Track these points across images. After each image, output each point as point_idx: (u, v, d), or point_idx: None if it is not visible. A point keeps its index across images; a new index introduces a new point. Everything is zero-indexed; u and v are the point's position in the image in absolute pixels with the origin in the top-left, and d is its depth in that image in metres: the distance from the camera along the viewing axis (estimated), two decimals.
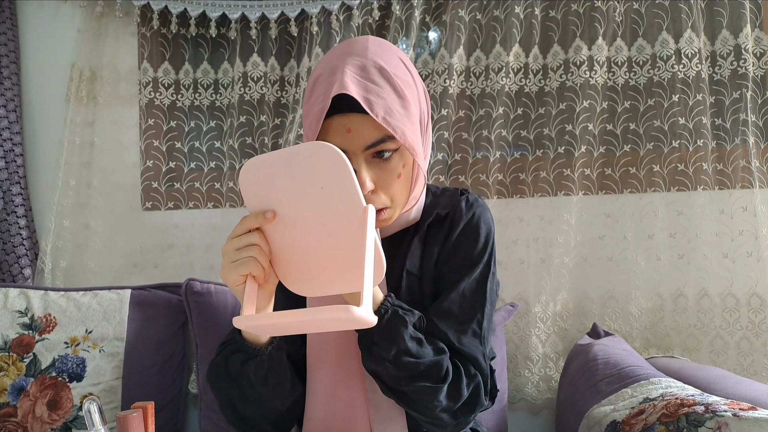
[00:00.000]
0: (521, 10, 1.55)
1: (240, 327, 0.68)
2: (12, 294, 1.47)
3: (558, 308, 1.53)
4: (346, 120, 0.80)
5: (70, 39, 1.68)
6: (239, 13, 1.62)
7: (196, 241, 1.65)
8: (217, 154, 1.69)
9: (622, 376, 1.15)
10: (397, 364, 0.79)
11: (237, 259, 0.71)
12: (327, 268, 0.70)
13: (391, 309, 0.80)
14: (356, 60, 0.81)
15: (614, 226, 1.54)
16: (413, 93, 0.84)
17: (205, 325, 1.45)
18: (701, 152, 1.49)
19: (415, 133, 0.82)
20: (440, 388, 0.81)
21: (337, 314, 0.59)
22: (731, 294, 1.48)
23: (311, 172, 0.66)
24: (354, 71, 0.79)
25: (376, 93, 0.78)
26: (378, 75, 0.80)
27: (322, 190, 0.66)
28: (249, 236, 0.71)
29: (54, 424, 1.38)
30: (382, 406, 0.88)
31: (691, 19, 1.49)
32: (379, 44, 0.85)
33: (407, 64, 0.86)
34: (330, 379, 0.89)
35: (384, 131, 0.80)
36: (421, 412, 0.83)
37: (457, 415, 0.85)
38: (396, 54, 0.85)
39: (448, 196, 0.96)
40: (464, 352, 0.86)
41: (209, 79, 1.69)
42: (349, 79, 0.78)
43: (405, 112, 0.81)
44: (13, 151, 1.65)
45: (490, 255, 0.92)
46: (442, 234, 0.92)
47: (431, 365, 0.81)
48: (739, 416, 0.80)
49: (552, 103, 1.56)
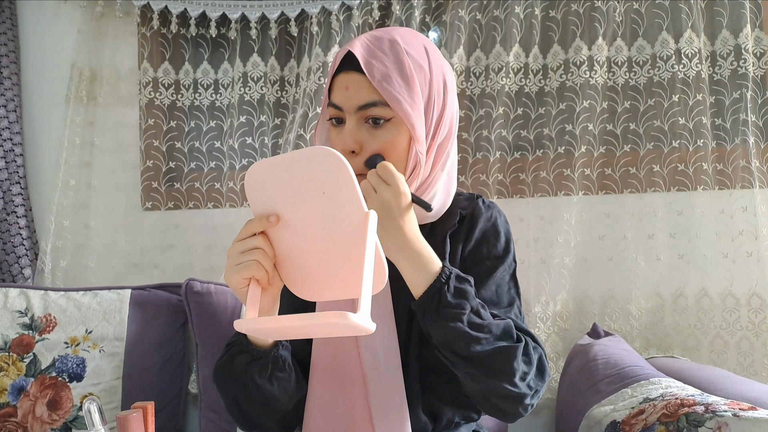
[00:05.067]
0: (521, 10, 1.55)
1: (240, 330, 0.67)
2: (12, 294, 1.47)
3: (558, 308, 1.53)
4: (347, 77, 0.84)
5: (70, 39, 1.68)
6: (239, 13, 1.62)
7: (196, 241, 1.65)
8: (217, 154, 1.69)
9: (622, 376, 1.15)
10: (473, 324, 0.77)
11: (240, 263, 0.71)
12: (330, 273, 0.70)
13: (453, 272, 0.79)
14: (377, 32, 0.87)
15: (614, 226, 1.54)
16: (422, 75, 0.85)
17: (205, 325, 1.45)
18: (701, 152, 1.49)
19: (415, 109, 0.83)
20: (518, 348, 0.79)
21: (334, 320, 0.59)
22: (731, 294, 1.48)
23: (313, 177, 0.66)
24: (368, 38, 0.85)
25: (380, 59, 0.82)
26: (388, 46, 0.84)
27: (324, 195, 0.66)
28: (253, 240, 0.71)
29: (54, 424, 1.38)
30: (389, 414, 0.85)
31: (691, 19, 1.49)
32: (409, 31, 0.89)
33: (429, 52, 0.87)
34: (328, 386, 0.88)
35: (377, 96, 0.82)
36: (501, 379, 0.79)
37: (531, 385, 0.81)
38: (421, 41, 0.88)
39: (465, 198, 0.97)
40: (519, 326, 0.84)
41: (209, 79, 1.69)
42: (359, 42, 0.84)
43: (406, 86, 0.82)
44: (13, 151, 1.66)
45: (513, 251, 0.94)
46: (463, 232, 0.93)
47: (504, 326, 0.80)
48: (739, 416, 0.80)
49: (552, 103, 1.56)
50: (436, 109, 0.87)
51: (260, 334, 0.68)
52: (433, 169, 0.88)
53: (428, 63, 0.86)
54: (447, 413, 0.90)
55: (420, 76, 0.84)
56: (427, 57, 0.86)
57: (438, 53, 0.89)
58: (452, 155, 0.91)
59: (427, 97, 0.85)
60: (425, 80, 0.85)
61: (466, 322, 0.77)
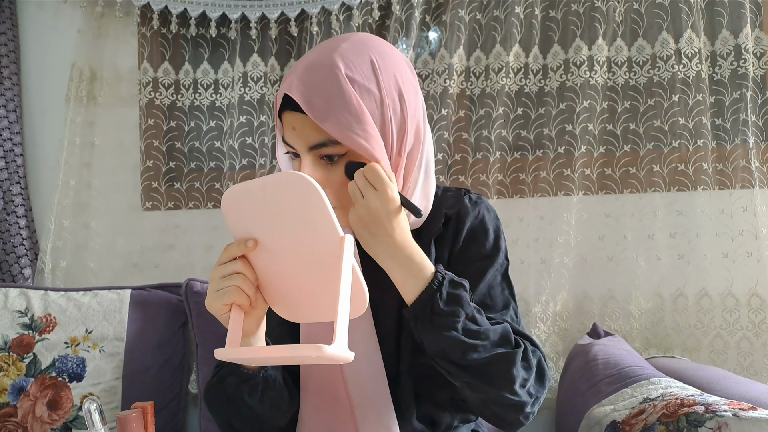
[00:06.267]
0: (521, 10, 1.55)
1: (220, 359, 0.67)
2: (12, 294, 1.47)
3: (558, 308, 1.53)
4: (292, 117, 0.78)
5: (70, 39, 1.68)
6: (239, 13, 1.62)
7: (196, 242, 1.65)
8: (217, 154, 1.69)
9: (622, 376, 1.15)
10: (468, 331, 0.74)
11: (220, 288, 0.70)
12: (310, 296, 0.69)
13: (446, 276, 0.75)
14: (315, 57, 0.78)
15: (614, 226, 1.54)
16: (371, 100, 0.77)
17: (205, 325, 1.45)
18: (701, 152, 1.49)
19: (369, 139, 0.76)
20: (516, 354, 0.76)
21: (309, 352, 0.60)
22: (731, 294, 1.48)
23: (286, 202, 0.65)
24: (305, 71, 0.77)
25: (320, 94, 0.75)
26: (328, 75, 0.75)
27: (298, 220, 0.65)
28: (233, 264, 0.70)
29: (54, 424, 1.38)
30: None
31: (691, 19, 1.49)
32: (352, 44, 0.79)
33: (378, 66, 0.78)
34: (317, 408, 0.87)
35: (327, 134, 0.76)
36: (500, 388, 0.76)
37: (532, 392, 0.79)
38: (367, 54, 0.78)
39: (451, 196, 0.92)
40: (516, 330, 0.81)
41: (209, 79, 1.69)
42: (297, 77, 0.76)
43: (354, 120, 0.75)
44: (13, 151, 1.66)
45: (504, 248, 0.90)
46: (449, 234, 0.89)
47: (502, 331, 0.77)
48: (739, 416, 0.80)
49: (552, 103, 1.56)
50: (395, 126, 0.79)
51: (242, 362, 0.67)
52: (407, 178, 0.83)
53: (377, 83, 0.77)
54: (445, 418, 0.89)
55: (369, 103, 0.76)
56: (375, 75, 0.77)
57: (389, 59, 0.80)
58: (427, 153, 0.85)
59: (381, 120, 0.78)
60: (376, 105, 0.77)
61: (461, 330, 0.74)
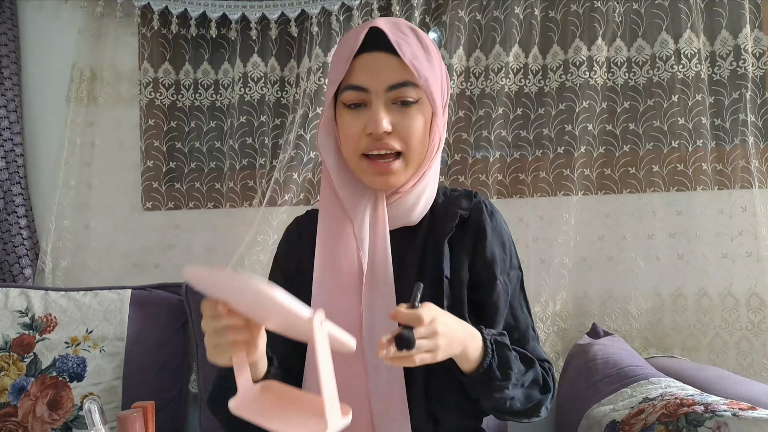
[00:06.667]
0: (521, 10, 1.55)
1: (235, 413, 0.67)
2: (12, 294, 1.47)
3: (557, 308, 1.53)
4: (372, 57, 0.83)
5: (71, 39, 1.68)
6: (239, 13, 1.62)
7: (196, 242, 1.65)
8: (217, 155, 1.69)
9: (621, 376, 1.15)
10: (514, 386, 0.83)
11: (217, 345, 0.70)
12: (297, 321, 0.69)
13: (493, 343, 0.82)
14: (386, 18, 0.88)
15: (614, 226, 1.54)
16: (437, 55, 0.88)
17: None
18: (701, 152, 1.49)
19: (436, 85, 0.85)
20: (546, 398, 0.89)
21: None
22: (731, 294, 1.48)
23: (250, 300, 0.65)
24: (385, 21, 0.86)
25: (405, 39, 0.83)
26: (407, 28, 0.86)
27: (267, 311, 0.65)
28: (220, 320, 0.69)
29: (54, 424, 1.38)
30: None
31: (691, 19, 1.49)
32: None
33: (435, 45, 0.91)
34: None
35: (407, 76, 0.82)
36: (527, 417, 0.90)
37: (548, 407, 0.91)
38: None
39: (460, 196, 0.94)
40: (540, 357, 0.92)
41: (209, 80, 1.69)
42: (382, 22, 0.84)
43: (429, 65, 0.84)
44: (14, 152, 1.66)
45: (518, 257, 0.97)
46: (468, 240, 0.90)
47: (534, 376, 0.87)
48: (739, 416, 0.81)
49: (551, 104, 1.56)
50: (444, 86, 0.89)
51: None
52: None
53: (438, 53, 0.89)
54: (450, 419, 0.89)
55: (435, 54, 0.87)
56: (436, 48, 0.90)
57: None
58: (441, 139, 0.92)
59: (440, 74, 0.88)
60: (438, 59, 0.88)
61: (510, 388, 0.82)
